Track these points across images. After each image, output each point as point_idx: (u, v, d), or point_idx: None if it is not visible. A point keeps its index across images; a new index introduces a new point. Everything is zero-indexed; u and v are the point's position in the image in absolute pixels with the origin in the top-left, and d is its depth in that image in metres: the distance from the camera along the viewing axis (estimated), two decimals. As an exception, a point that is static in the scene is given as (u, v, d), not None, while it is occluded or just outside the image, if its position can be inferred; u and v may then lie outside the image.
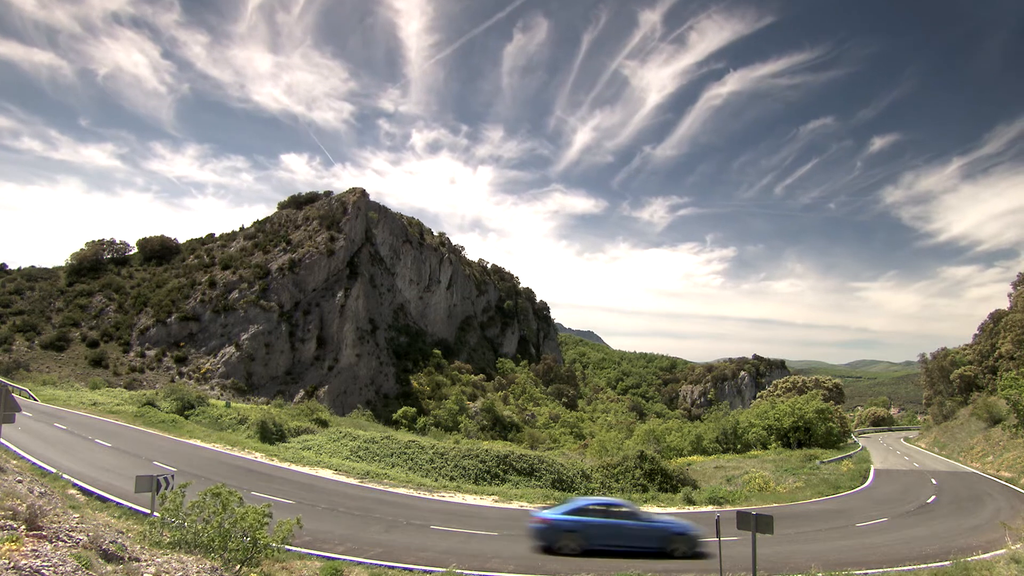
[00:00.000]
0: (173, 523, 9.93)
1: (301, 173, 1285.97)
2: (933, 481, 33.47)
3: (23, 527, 6.87)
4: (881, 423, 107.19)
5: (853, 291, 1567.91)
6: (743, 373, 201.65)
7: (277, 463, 26.16)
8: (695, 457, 42.84)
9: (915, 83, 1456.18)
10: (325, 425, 36.13)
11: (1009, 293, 71.84)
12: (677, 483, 26.96)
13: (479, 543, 15.37)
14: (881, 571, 13.31)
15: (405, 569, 12.56)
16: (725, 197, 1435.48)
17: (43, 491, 11.32)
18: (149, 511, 13.78)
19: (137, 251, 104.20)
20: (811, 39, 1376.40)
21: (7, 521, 6.82)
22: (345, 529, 15.85)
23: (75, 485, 16.73)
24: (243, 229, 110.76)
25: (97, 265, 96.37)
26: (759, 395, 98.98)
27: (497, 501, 22.12)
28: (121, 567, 7.01)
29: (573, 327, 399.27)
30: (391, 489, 22.70)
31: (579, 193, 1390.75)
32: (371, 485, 23.13)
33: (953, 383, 71.49)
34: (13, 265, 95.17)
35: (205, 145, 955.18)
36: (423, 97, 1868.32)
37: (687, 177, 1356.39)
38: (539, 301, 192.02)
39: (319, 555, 12.81)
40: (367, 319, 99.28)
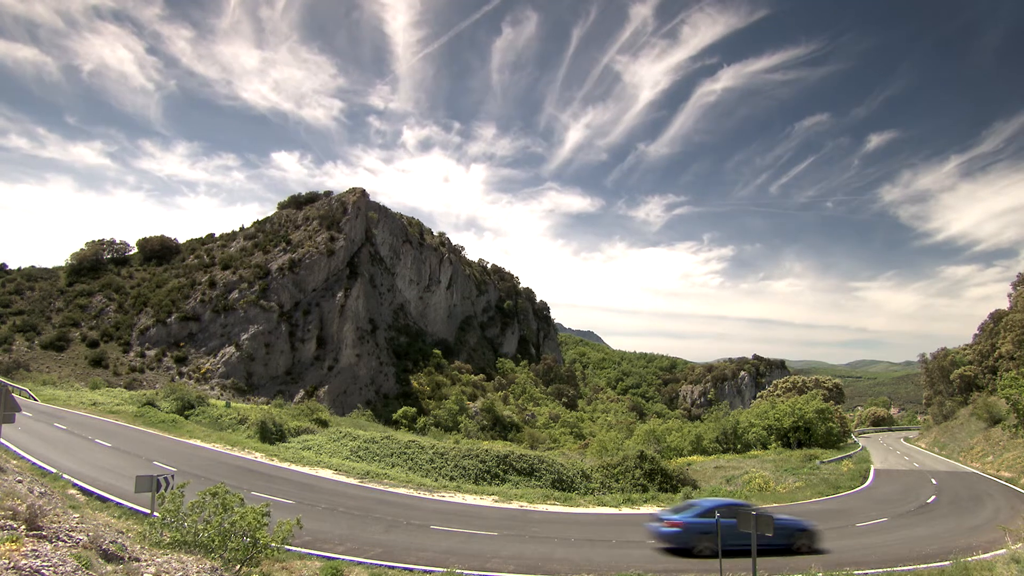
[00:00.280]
0: (173, 523, 9.92)
1: (293, 171, 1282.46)
2: (933, 481, 33.47)
3: (23, 527, 6.87)
4: (881, 423, 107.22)
5: (852, 291, 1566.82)
6: (743, 373, 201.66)
7: (277, 463, 26.16)
8: (695, 457, 42.83)
9: (911, 79, 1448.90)
10: (325, 425, 36.14)
11: (1009, 293, 71.85)
12: (677, 483, 26.97)
13: (479, 543, 15.37)
14: (881, 571, 13.30)
15: (405, 569, 12.56)
16: (721, 196, 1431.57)
17: (43, 491, 11.32)
18: (149, 511, 13.77)
19: (137, 251, 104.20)
20: (806, 33, 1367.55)
21: (7, 521, 6.82)
22: (345, 529, 15.85)
23: (75, 485, 16.73)
24: (243, 229, 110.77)
25: (97, 265, 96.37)
26: (759, 395, 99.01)
27: (497, 501, 22.12)
28: (121, 567, 7.01)
29: (573, 327, 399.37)
30: (391, 489, 22.70)
31: (574, 192, 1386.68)
32: (371, 485, 23.14)
33: (953, 383, 71.46)
34: (11, 265, 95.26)
35: (195, 143, 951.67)
36: (413, 94, 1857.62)
37: (682, 175, 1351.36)
38: (539, 301, 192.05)
39: (319, 555, 12.81)
40: (367, 319, 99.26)
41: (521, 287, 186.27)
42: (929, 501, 26.50)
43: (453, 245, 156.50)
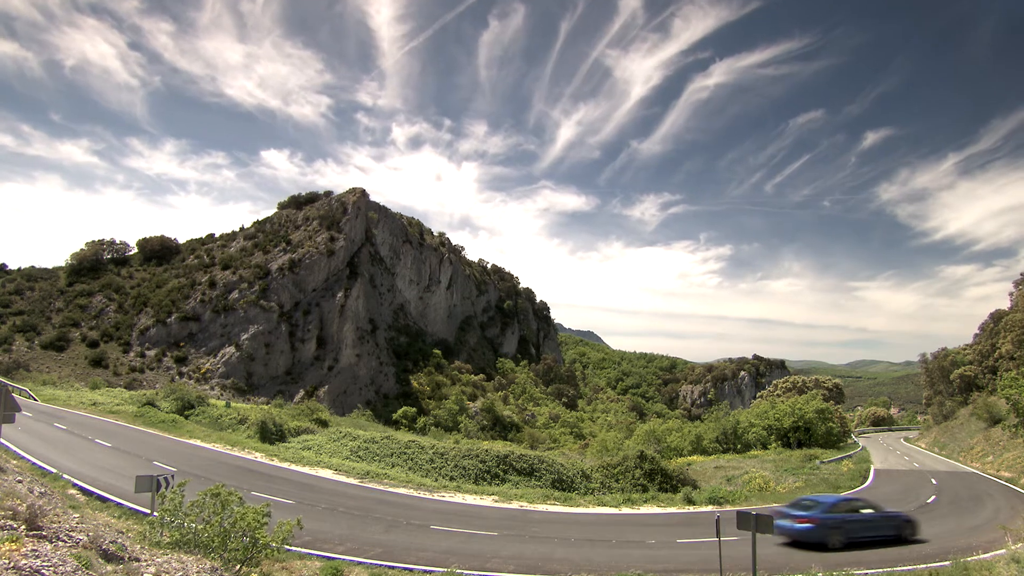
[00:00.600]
0: (173, 523, 9.93)
1: (284, 170, 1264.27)
2: (933, 481, 33.46)
3: (23, 527, 6.87)
4: (881, 423, 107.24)
5: (851, 290, 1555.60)
6: (743, 373, 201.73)
7: (277, 463, 26.17)
8: (695, 457, 42.84)
9: (906, 74, 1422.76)
10: (325, 425, 36.14)
11: (1010, 293, 71.92)
12: (677, 483, 26.97)
13: (479, 543, 15.37)
14: (881, 571, 13.30)
15: (405, 569, 12.56)
16: (715, 194, 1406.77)
17: (43, 491, 11.32)
18: (149, 511, 13.77)
19: (137, 251, 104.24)
20: (799, 26, 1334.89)
21: (7, 521, 6.82)
22: (345, 529, 15.86)
23: (75, 485, 16.73)
24: (243, 229, 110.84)
25: (97, 265, 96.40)
26: (759, 395, 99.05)
27: (497, 501, 22.13)
28: (121, 567, 7.02)
29: (573, 327, 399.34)
30: (391, 489, 22.71)
31: (569, 190, 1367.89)
32: (371, 485, 23.15)
33: (953, 383, 71.48)
34: (10, 265, 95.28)
35: (183, 141, 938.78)
36: (400, 90, 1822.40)
37: (675, 174, 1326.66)
38: (539, 301, 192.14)
39: (319, 555, 12.81)
40: (367, 319, 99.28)
41: (521, 287, 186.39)
42: (929, 501, 26.50)
43: (453, 245, 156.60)
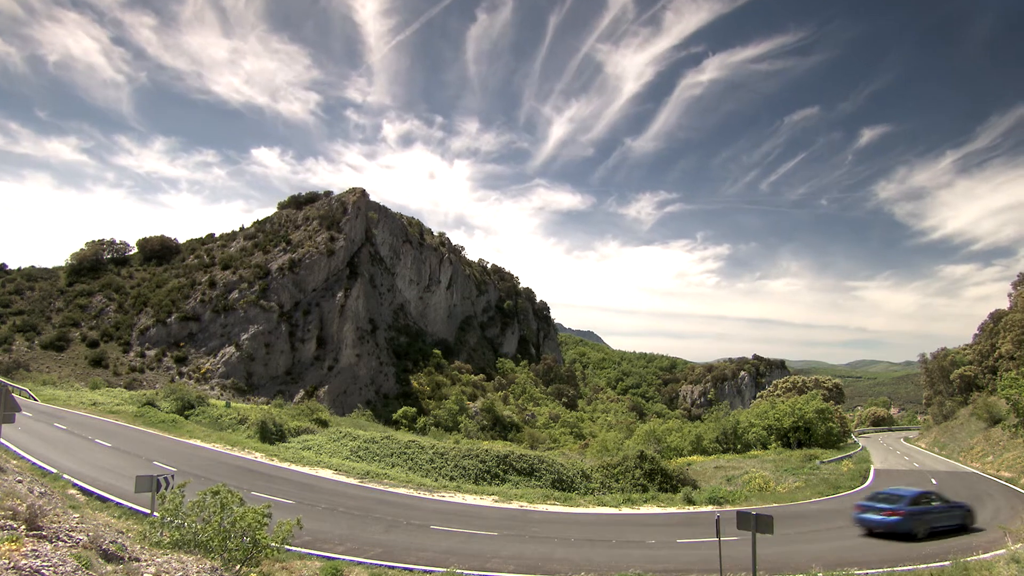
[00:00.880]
0: (173, 523, 9.92)
1: (275, 168, 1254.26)
2: (933, 481, 33.45)
3: (23, 527, 6.87)
4: (881, 423, 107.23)
5: (850, 290, 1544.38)
6: (743, 373, 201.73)
7: (277, 463, 26.17)
8: (695, 457, 42.83)
9: (902, 70, 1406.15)
10: (325, 425, 36.15)
11: (1009, 293, 71.87)
12: (677, 483, 26.96)
13: (479, 543, 15.37)
14: (882, 571, 13.30)
15: (405, 569, 12.57)
16: (710, 193, 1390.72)
17: (43, 491, 11.32)
18: (149, 511, 13.78)
19: (137, 251, 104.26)
20: (794, 19, 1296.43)
21: (7, 521, 6.82)
22: (345, 529, 15.86)
23: (75, 485, 16.73)
24: (243, 229, 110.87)
25: (97, 265, 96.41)
26: (759, 395, 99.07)
27: (497, 501, 22.13)
28: (121, 567, 7.01)
29: (573, 327, 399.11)
30: (391, 489, 22.71)
31: (563, 189, 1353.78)
32: (371, 485, 23.15)
33: (953, 383, 71.47)
34: (10, 265, 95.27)
35: (172, 139, 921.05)
36: (389, 87, 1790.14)
37: (669, 172, 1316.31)
38: (539, 301, 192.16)
39: (319, 555, 12.82)
40: (367, 319, 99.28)
41: (521, 287, 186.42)
42: (929, 501, 26.50)
43: (453, 245, 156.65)
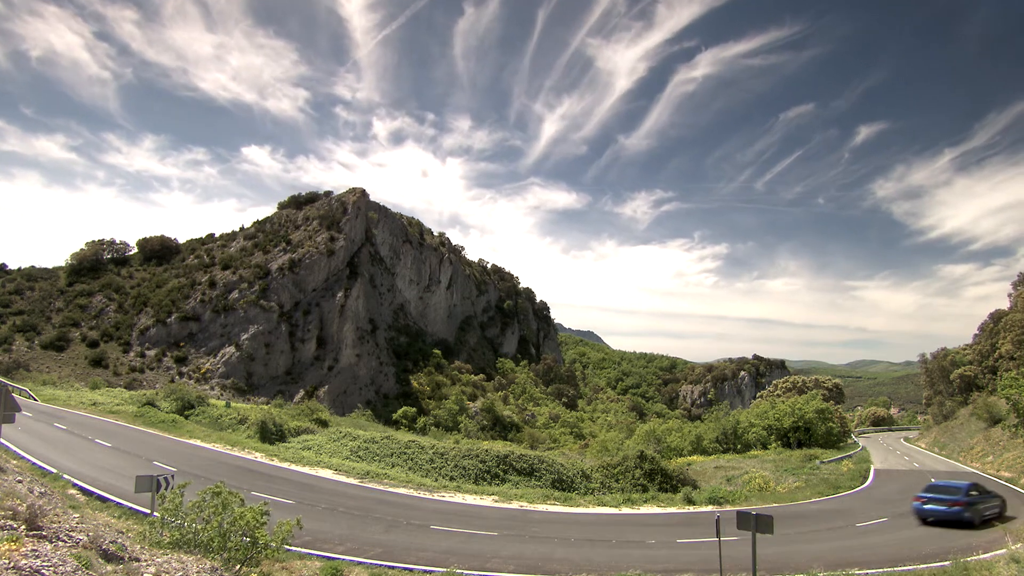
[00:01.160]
0: (173, 523, 9.93)
1: (266, 166, 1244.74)
2: (933, 481, 33.45)
3: (23, 527, 6.87)
4: (881, 423, 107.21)
5: (849, 290, 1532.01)
6: (743, 373, 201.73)
7: (277, 463, 26.17)
8: (695, 457, 42.83)
9: (898, 66, 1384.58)
10: (325, 425, 36.15)
11: (1009, 293, 71.86)
12: (677, 483, 26.96)
13: (479, 543, 15.37)
14: (881, 571, 13.30)
15: (405, 569, 12.57)
16: (706, 191, 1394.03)
17: (43, 491, 11.32)
18: (149, 511, 13.78)
19: (137, 251, 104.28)
20: (789, 11, 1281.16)
21: (7, 521, 6.82)
22: (345, 529, 15.86)
23: (75, 485, 16.74)
24: (243, 229, 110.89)
25: (97, 265, 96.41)
26: (759, 395, 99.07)
27: (497, 501, 22.12)
28: (121, 567, 7.01)
29: (573, 327, 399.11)
30: (391, 489, 22.71)
31: (558, 187, 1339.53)
32: (371, 485, 23.15)
33: (953, 383, 71.45)
34: (10, 265, 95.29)
35: (162, 137, 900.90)
36: (378, 83, 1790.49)
37: (663, 169, 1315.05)
38: (539, 301, 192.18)
39: (319, 555, 12.82)
40: (367, 319, 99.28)
41: (521, 287, 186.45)
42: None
43: (453, 245, 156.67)
